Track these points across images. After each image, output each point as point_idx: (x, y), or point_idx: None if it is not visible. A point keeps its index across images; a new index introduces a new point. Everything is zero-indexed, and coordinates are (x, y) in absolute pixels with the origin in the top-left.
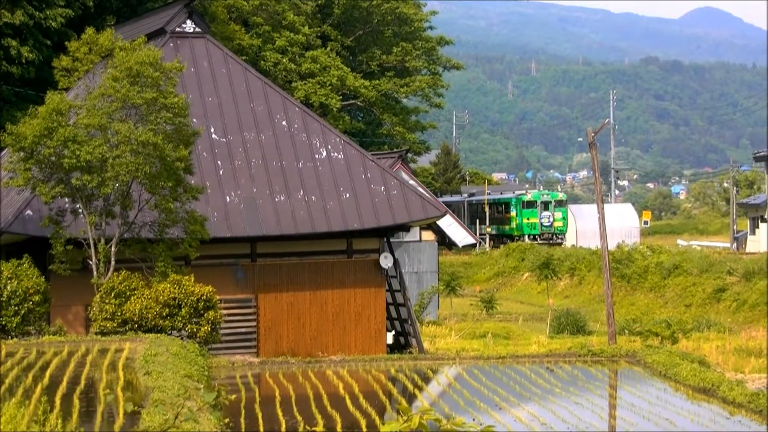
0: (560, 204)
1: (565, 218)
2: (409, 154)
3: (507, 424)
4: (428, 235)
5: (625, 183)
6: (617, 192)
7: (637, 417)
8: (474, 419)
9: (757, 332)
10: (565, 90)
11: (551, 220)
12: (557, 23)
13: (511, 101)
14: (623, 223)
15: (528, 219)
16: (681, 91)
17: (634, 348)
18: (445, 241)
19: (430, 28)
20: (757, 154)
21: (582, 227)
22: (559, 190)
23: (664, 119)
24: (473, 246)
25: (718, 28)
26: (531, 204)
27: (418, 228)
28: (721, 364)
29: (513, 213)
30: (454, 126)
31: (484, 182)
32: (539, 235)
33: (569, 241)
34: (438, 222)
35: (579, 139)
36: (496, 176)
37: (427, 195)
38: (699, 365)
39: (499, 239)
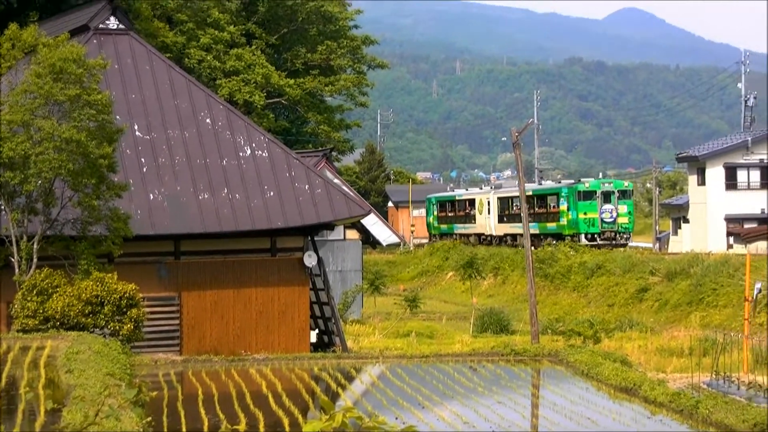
0: (624, 195)
1: (631, 212)
2: (334, 153)
3: (430, 423)
4: (352, 234)
5: (549, 183)
6: None
7: (559, 416)
8: (397, 418)
9: (679, 332)
10: (490, 89)
11: (614, 215)
12: (483, 23)
13: (436, 100)
14: None
15: (585, 213)
16: (605, 91)
17: (557, 347)
18: (369, 240)
19: (356, 26)
20: (680, 155)
21: None
22: (483, 188)
23: (588, 119)
24: (398, 245)
25: (642, 29)
26: (589, 195)
27: (342, 227)
28: (643, 363)
29: (564, 206)
30: (378, 125)
31: (409, 181)
32: (599, 234)
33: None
34: (362, 221)
35: (503, 139)
36: (421, 175)
37: (351, 193)
38: (621, 365)
39: (541, 239)
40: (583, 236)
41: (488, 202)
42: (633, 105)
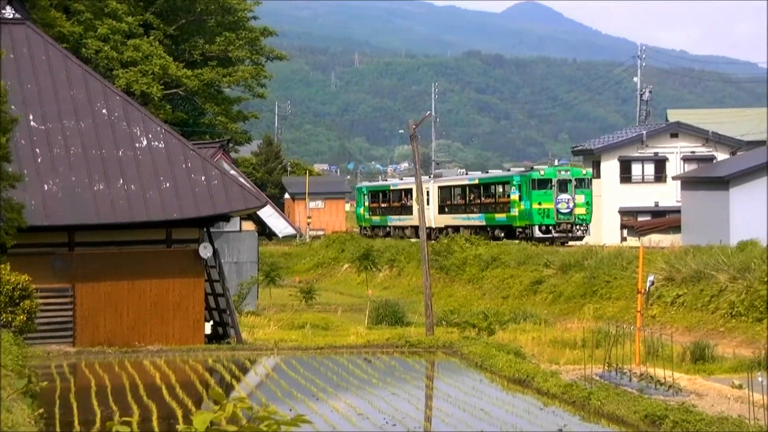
0: (582, 184)
1: (589, 203)
2: (231, 144)
3: (324, 415)
4: (248, 225)
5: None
6: None
7: (453, 407)
8: (291, 409)
9: (573, 324)
10: (388, 82)
11: (571, 205)
12: (383, 16)
13: (334, 92)
14: None
15: (540, 204)
16: (502, 84)
17: (452, 339)
18: (265, 232)
19: (254, 18)
20: (576, 148)
21: None
22: (380, 180)
23: (486, 112)
24: (294, 237)
25: (540, 23)
26: (544, 183)
27: (238, 218)
28: (537, 355)
29: (515, 196)
30: (276, 116)
31: (306, 173)
32: (554, 226)
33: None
34: (259, 212)
35: (401, 131)
36: (318, 167)
37: (247, 185)
38: (515, 356)
39: (489, 231)
40: (537, 228)
41: (427, 192)
42: (530, 98)
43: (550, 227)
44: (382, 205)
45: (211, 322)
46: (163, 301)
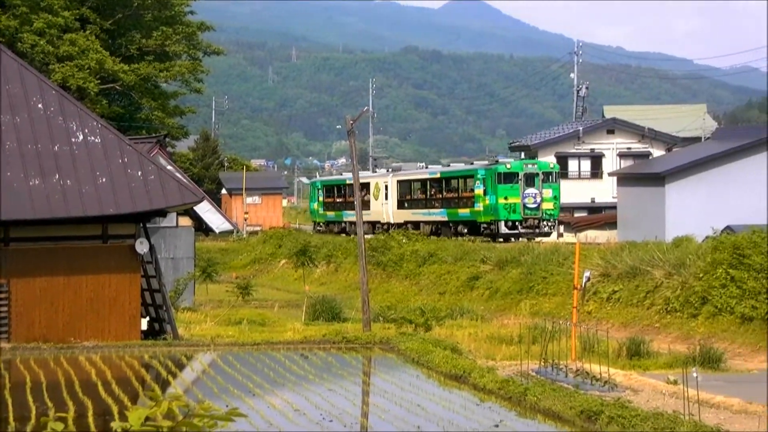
0: (549, 178)
1: (557, 197)
2: (168, 139)
3: (260, 411)
4: (185, 221)
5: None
6: None
7: (389, 403)
8: (227, 405)
9: (509, 320)
10: (326, 78)
11: (539, 200)
12: (321, 11)
13: (271, 88)
14: None
15: (506, 198)
16: (440, 80)
17: (389, 335)
18: (202, 227)
19: (191, 12)
20: (513, 144)
21: None
22: (318, 176)
23: (423, 108)
24: (231, 232)
25: (477, 19)
26: (510, 177)
27: (175, 213)
28: (473, 351)
29: (480, 190)
30: (213, 111)
31: (243, 168)
32: (521, 222)
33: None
34: (195, 207)
35: (338, 127)
36: (255, 162)
37: (184, 180)
38: (451, 352)
39: (451, 227)
40: (502, 224)
41: (386, 186)
42: (468, 94)
43: (517, 223)
44: (338, 200)
45: (148, 318)
46: (99, 296)
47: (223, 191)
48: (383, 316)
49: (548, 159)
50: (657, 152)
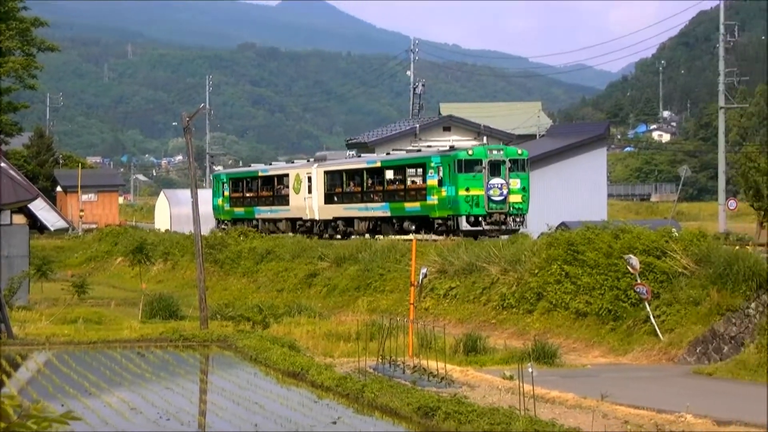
0: (517, 166)
1: (526, 188)
2: (1, 136)
3: (97, 410)
4: (19, 219)
5: (221, 168)
6: (212, 177)
7: (227, 401)
8: (63, 405)
9: (347, 317)
10: (162, 74)
11: (505, 192)
12: (158, 7)
13: (107, 84)
14: None
15: (467, 190)
16: (277, 77)
17: (226, 333)
18: (36, 225)
19: (25, 8)
20: (350, 141)
21: (177, 212)
22: (155, 174)
23: (260, 105)
24: (66, 230)
25: (314, 16)
26: (472, 165)
27: (9, 211)
28: (311, 348)
29: (434, 180)
30: (48, 108)
31: (78, 165)
32: (485, 217)
33: None
34: (29, 205)
35: (174, 124)
36: (91, 160)
37: (18, 178)
38: (289, 349)
39: (395, 224)
40: (464, 219)
41: (308, 179)
42: (305, 91)
43: (480, 218)
44: (248, 195)
45: None
46: None
47: (59, 189)
48: (221, 314)
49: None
50: None
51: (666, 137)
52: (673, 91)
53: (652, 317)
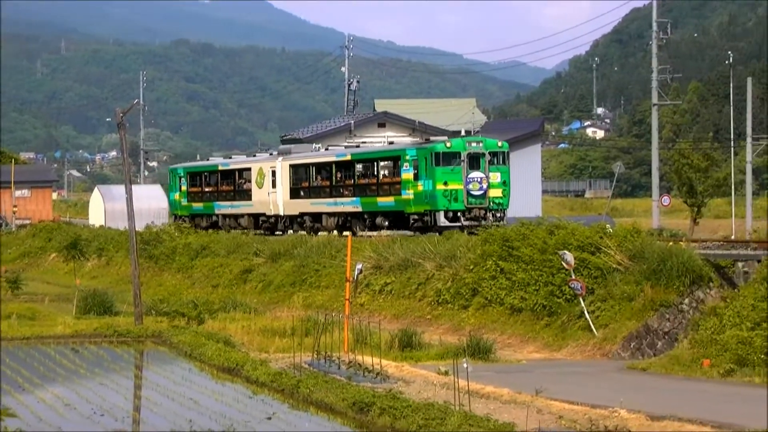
0: (497, 158)
1: (506, 182)
2: None
3: (30, 406)
4: None
5: (155, 164)
6: (146, 173)
7: (162, 397)
8: None
9: (282, 312)
10: (96, 70)
11: (485, 186)
12: (92, 3)
13: (40, 80)
14: (152, 204)
15: (446, 184)
16: (212, 73)
17: (161, 328)
18: None
19: None
20: (284, 137)
21: (111, 208)
22: (89, 170)
23: (195, 101)
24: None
25: (249, 12)
26: (450, 158)
27: None
28: (247, 344)
29: (410, 174)
30: None
31: (11, 161)
32: (464, 213)
33: None
34: None
35: (108, 120)
36: (24, 155)
37: None
38: (224, 345)
39: (366, 219)
40: (441, 215)
41: (272, 173)
42: (239, 87)
43: (459, 213)
44: (207, 190)
45: None
46: None
47: None
48: (155, 310)
49: None
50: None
51: (600, 134)
52: (607, 88)
53: (586, 313)
